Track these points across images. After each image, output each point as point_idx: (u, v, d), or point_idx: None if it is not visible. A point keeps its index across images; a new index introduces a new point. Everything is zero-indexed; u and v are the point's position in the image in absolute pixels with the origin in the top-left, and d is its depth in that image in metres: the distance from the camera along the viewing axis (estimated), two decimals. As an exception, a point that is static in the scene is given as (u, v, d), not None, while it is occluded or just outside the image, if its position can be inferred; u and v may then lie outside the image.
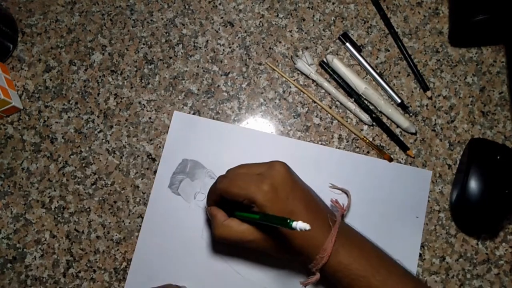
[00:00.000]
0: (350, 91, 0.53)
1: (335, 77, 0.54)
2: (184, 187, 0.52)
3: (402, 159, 0.53)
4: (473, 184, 0.48)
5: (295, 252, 0.42)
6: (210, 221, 0.46)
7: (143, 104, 0.54)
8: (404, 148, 0.52)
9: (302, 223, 0.34)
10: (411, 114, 0.53)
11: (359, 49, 0.53)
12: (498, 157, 0.49)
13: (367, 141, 0.52)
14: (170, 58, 0.55)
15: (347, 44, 0.54)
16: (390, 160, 0.52)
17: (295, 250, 0.42)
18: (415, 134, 0.53)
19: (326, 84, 0.53)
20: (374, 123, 0.53)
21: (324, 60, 0.54)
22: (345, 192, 0.50)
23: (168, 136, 0.53)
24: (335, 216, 0.43)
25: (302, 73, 0.54)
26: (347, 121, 0.53)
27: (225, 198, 0.43)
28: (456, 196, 0.50)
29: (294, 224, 0.35)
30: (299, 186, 0.43)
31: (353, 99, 0.53)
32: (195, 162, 0.52)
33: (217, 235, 0.43)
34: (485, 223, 0.49)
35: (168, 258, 0.51)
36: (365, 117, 0.53)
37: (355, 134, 0.53)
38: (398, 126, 0.53)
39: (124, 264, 0.51)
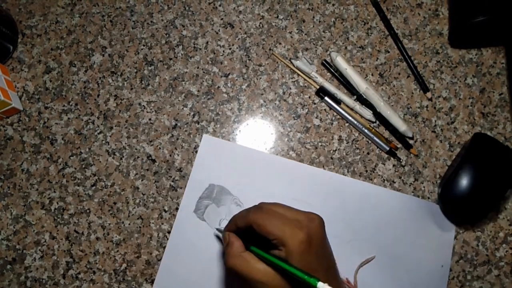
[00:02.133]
0: (351, 90, 0.54)
1: (337, 75, 0.54)
2: (209, 213, 0.51)
3: (403, 158, 0.53)
4: (463, 173, 0.48)
5: None
6: (224, 248, 0.44)
7: (143, 106, 0.54)
8: (407, 146, 0.52)
9: (329, 287, 0.33)
10: (400, 160, 0.53)
11: (338, 101, 0.53)
12: (496, 153, 0.49)
13: (373, 130, 0.52)
14: (170, 59, 0.55)
15: (326, 98, 0.53)
16: (396, 149, 0.52)
17: None
18: (411, 138, 0.53)
19: (326, 84, 0.53)
20: (376, 121, 0.53)
21: (326, 59, 0.54)
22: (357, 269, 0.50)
23: (196, 159, 0.52)
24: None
25: (303, 73, 0.54)
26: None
27: (247, 230, 0.41)
28: (444, 182, 0.50)
29: (321, 285, 0.34)
30: (328, 248, 0.42)
31: (355, 97, 0.53)
32: (222, 188, 0.52)
33: (230, 265, 0.41)
34: (469, 213, 0.49)
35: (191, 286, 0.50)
36: (367, 113, 0.53)
37: (359, 123, 0.53)
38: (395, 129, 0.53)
39: (124, 265, 0.51)
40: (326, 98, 0.53)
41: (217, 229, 0.51)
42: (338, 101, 0.53)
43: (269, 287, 0.40)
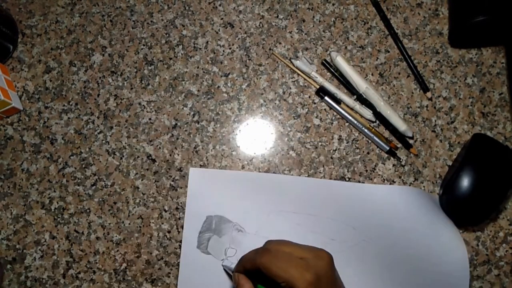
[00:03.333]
0: (351, 89, 0.54)
1: (337, 75, 0.54)
2: (213, 245, 0.50)
3: (403, 158, 0.53)
4: (464, 174, 0.48)
5: None
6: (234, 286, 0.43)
7: (143, 105, 0.54)
8: (407, 146, 0.52)
9: None
10: (400, 159, 0.53)
11: (338, 101, 0.53)
12: (496, 154, 0.49)
13: (373, 129, 0.52)
14: (170, 59, 0.55)
15: (326, 98, 0.53)
16: (396, 149, 0.52)
17: None
18: (411, 138, 0.53)
19: (326, 84, 0.53)
20: (376, 120, 0.53)
21: (326, 59, 0.54)
22: None
23: (188, 195, 0.51)
24: None
25: (303, 72, 0.54)
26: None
27: (256, 271, 0.41)
28: (445, 184, 0.50)
29: None
30: (339, 285, 0.41)
31: (355, 96, 0.53)
32: (220, 217, 0.51)
33: None
34: (471, 215, 0.49)
35: None
36: (367, 113, 0.53)
37: (359, 123, 0.53)
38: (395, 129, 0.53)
39: (124, 265, 0.51)
40: (326, 97, 0.53)
41: (223, 266, 0.50)
42: (338, 101, 0.53)
43: None
